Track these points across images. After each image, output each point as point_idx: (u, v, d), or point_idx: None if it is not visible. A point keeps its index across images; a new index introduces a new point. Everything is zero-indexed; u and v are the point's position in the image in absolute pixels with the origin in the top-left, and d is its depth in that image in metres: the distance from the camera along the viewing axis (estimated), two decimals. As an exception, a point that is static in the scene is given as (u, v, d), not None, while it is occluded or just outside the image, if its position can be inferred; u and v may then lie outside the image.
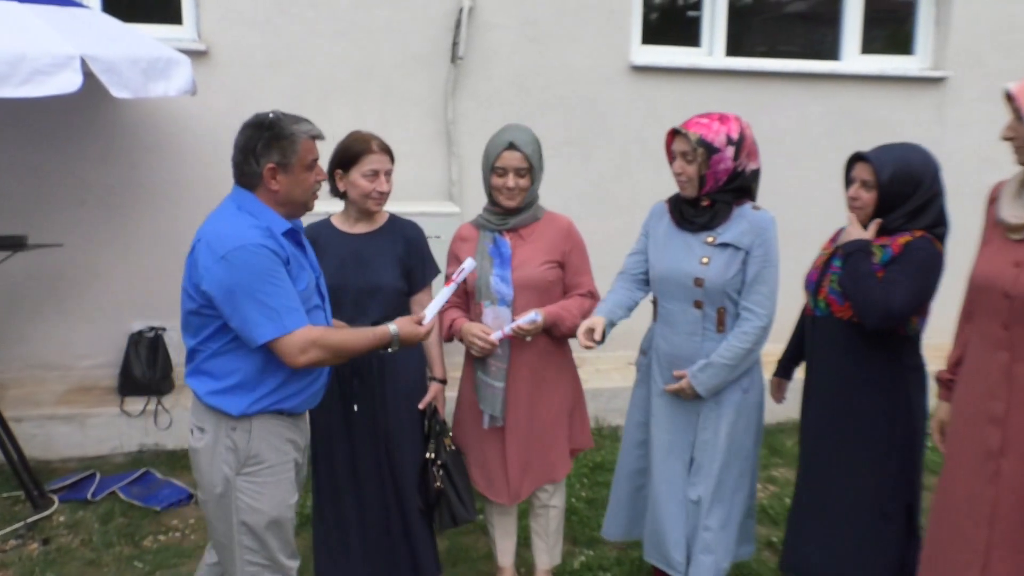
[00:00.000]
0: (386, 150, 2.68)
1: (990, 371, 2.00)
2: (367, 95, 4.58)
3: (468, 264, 2.52)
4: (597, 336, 2.56)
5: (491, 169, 2.68)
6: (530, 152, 2.67)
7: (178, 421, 4.21)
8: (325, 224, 2.75)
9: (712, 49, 5.03)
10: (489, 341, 2.64)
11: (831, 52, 5.24)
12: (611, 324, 2.67)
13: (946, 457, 2.20)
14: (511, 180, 2.67)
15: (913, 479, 2.53)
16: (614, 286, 2.79)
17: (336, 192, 2.71)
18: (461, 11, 4.53)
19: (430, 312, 2.41)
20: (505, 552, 3.02)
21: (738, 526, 2.68)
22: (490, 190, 2.74)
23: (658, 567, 2.72)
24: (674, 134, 2.55)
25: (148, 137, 4.42)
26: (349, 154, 2.63)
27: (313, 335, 2.10)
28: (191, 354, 2.22)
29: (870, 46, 5.23)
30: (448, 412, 2.92)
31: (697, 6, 5.07)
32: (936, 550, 2.18)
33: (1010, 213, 2.00)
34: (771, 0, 5.33)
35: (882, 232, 2.45)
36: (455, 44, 4.57)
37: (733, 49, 5.07)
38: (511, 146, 2.65)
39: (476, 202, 4.60)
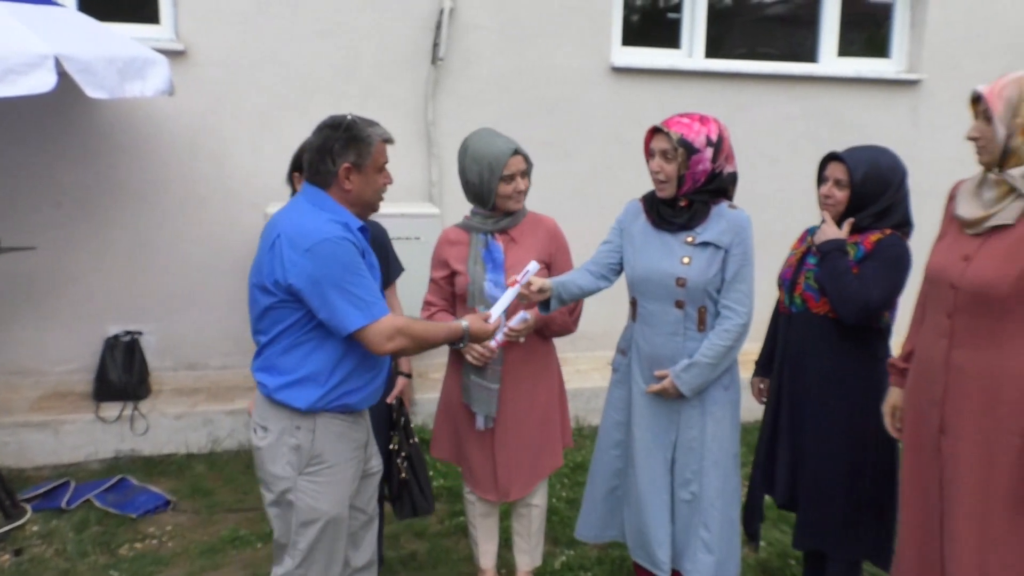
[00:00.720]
0: None
1: (934, 357, 2.17)
2: (347, 96, 4.55)
3: (533, 266, 2.54)
4: (533, 288, 2.51)
5: (499, 178, 2.66)
6: (527, 153, 2.72)
7: (155, 427, 4.16)
8: None
9: (692, 51, 5.06)
10: (490, 349, 2.62)
11: (809, 54, 5.28)
12: (559, 297, 2.60)
13: (903, 439, 2.36)
14: (521, 184, 2.70)
15: (888, 465, 2.61)
16: (578, 268, 2.74)
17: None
18: (442, 12, 4.52)
19: (496, 311, 2.45)
20: (487, 554, 3.01)
21: (738, 525, 2.69)
22: (495, 198, 2.70)
23: (643, 566, 2.72)
24: (654, 132, 2.55)
25: (124, 138, 4.36)
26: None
27: (399, 323, 2.18)
28: (261, 350, 2.26)
29: (847, 49, 5.28)
30: (429, 413, 2.91)
31: (677, 8, 5.09)
32: (907, 526, 2.32)
33: (966, 209, 2.13)
34: (750, 2, 5.37)
35: (852, 231, 2.56)
36: (436, 45, 4.56)
37: (713, 51, 5.09)
38: (516, 152, 2.67)
39: (456, 203, 4.57)
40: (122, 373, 4.25)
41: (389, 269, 2.84)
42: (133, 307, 4.45)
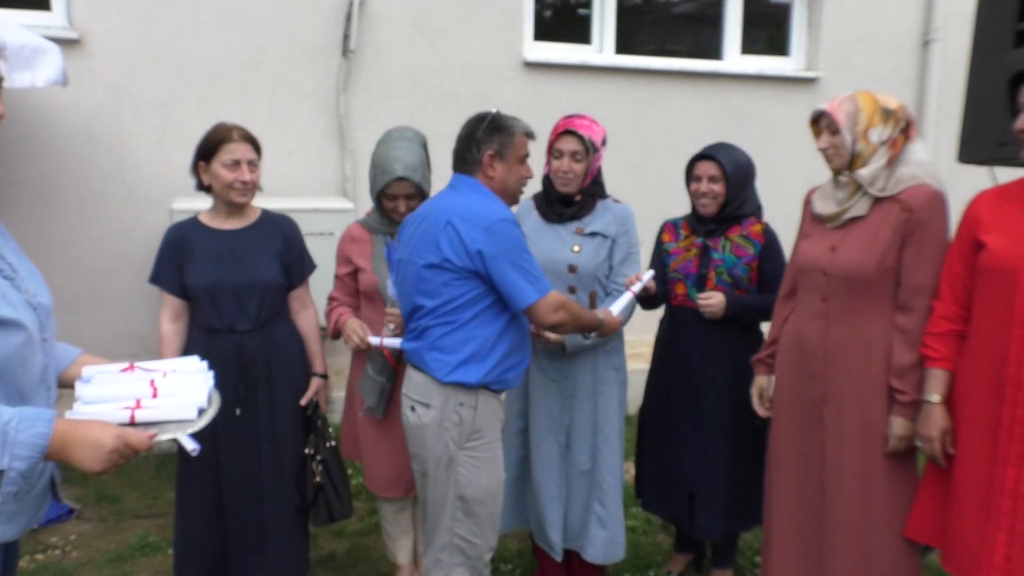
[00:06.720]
0: (248, 139, 2.61)
1: (812, 336, 2.43)
2: (255, 88, 4.44)
3: (648, 275, 2.65)
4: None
5: (379, 191, 2.70)
6: (419, 179, 2.68)
7: (55, 432, 3.97)
8: (192, 222, 2.67)
9: (602, 47, 5.15)
10: (366, 342, 2.65)
11: (714, 52, 5.46)
12: None
13: (775, 412, 2.58)
14: (402, 205, 2.70)
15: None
16: None
17: (201, 186, 2.64)
18: (352, 3, 4.46)
19: (616, 308, 2.57)
20: (402, 548, 3.00)
21: (621, 502, 2.83)
22: (381, 204, 2.74)
23: (544, 550, 2.83)
24: (564, 133, 2.69)
25: (14, 130, 4.14)
26: (209, 145, 2.56)
27: (561, 298, 2.32)
28: (420, 334, 2.34)
29: (750, 47, 5.48)
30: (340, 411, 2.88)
31: (587, 4, 5.17)
32: (778, 489, 2.55)
33: (823, 207, 2.41)
34: (658, 1, 5.50)
35: (725, 220, 2.79)
36: (346, 37, 4.50)
37: (622, 47, 5.20)
38: (402, 179, 2.65)
39: (370, 198, 4.52)
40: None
41: (303, 266, 2.79)
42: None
